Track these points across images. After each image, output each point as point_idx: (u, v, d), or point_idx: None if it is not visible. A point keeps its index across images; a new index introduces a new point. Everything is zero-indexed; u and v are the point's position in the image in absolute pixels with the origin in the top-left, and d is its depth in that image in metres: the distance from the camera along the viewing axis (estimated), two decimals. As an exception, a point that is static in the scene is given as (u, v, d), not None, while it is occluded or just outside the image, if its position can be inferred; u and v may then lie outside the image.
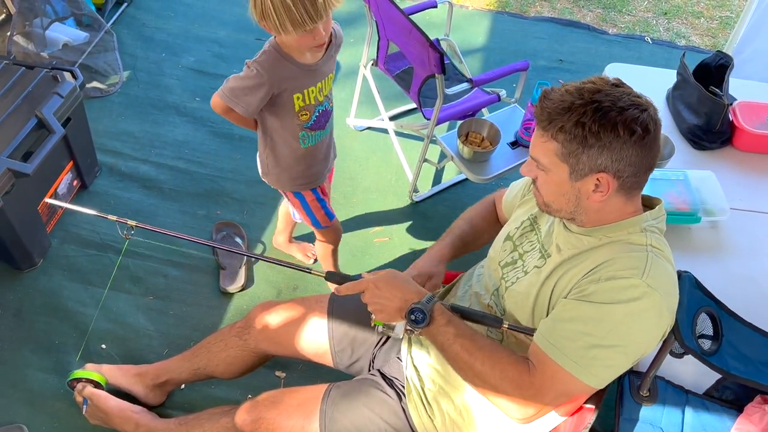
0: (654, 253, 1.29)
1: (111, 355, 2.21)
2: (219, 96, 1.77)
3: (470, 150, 2.43)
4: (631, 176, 1.27)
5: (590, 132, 1.22)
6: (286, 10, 1.55)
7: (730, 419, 1.58)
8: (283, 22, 1.57)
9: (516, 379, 1.33)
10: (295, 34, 1.60)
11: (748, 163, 2.16)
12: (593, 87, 1.25)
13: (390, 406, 1.58)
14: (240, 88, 1.74)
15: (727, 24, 4.07)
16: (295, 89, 1.77)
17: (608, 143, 1.23)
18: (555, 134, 1.26)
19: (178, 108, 3.12)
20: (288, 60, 1.73)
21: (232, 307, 2.38)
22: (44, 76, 2.40)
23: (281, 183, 2.03)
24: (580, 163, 1.26)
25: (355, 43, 3.55)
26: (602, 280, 1.27)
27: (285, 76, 1.74)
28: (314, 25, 1.59)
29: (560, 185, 1.32)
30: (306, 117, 1.84)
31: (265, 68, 1.71)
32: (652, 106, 1.27)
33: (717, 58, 2.27)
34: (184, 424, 1.85)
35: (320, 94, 1.84)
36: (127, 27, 3.55)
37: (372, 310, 1.47)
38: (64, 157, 2.49)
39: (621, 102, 1.23)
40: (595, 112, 1.22)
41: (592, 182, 1.28)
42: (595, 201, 1.31)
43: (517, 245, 1.53)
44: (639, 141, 1.23)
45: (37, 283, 2.39)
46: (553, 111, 1.26)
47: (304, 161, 1.95)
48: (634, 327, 1.25)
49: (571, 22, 3.94)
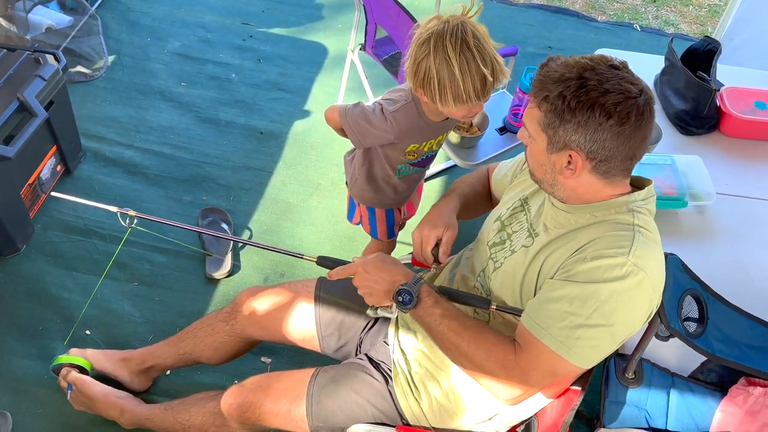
0: (641, 232, 1.29)
1: (96, 341, 2.19)
2: (340, 116, 1.70)
3: (458, 135, 2.42)
4: (605, 161, 1.26)
5: (568, 107, 1.22)
6: (453, 85, 1.47)
7: (714, 401, 1.59)
8: (445, 95, 1.49)
9: (502, 360, 1.33)
10: (456, 108, 1.53)
11: (735, 149, 2.16)
12: (588, 64, 1.24)
13: (377, 389, 1.58)
14: (364, 125, 1.66)
15: (715, 12, 4.07)
16: (416, 141, 1.73)
17: (583, 122, 1.22)
18: (540, 102, 1.26)
19: (164, 93, 3.09)
20: (422, 118, 1.66)
21: (218, 294, 2.37)
22: (26, 58, 2.35)
23: (364, 199, 1.96)
24: (557, 136, 1.26)
25: (343, 29, 3.52)
26: (588, 260, 1.27)
27: (413, 132, 1.68)
28: (478, 103, 1.52)
29: (539, 155, 1.32)
30: (413, 157, 1.79)
31: (398, 123, 1.64)
32: (645, 96, 1.24)
33: (705, 44, 2.27)
34: (169, 409, 1.84)
35: (436, 144, 1.79)
36: (111, 11, 3.50)
37: (362, 294, 1.47)
38: (47, 142, 2.45)
39: (608, 84, 1.21)
40: (578, 88, 1.21)
41: (564, 158, 1.28)
42: (567, 177, 1.30)
43: (506, 225, 1.52)
44: (615, 126, 1.21)
45: (20, 269, 2.36)
46: (545, 79, 1.26)
47: (393, 187, 1.89)
48: (619, 306, 1.25)
49: (560, 9, 3.93)
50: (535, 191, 1.51)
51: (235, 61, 3.30)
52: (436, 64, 1.46)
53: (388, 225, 2.07)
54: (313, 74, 3.28)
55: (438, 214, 1.65)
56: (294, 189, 2.75)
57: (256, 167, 2.81)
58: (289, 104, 3.10)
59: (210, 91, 3.13)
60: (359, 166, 1.87)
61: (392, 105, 1.66)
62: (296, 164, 2.84)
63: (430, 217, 1.66)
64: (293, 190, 2.74)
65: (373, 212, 2.02)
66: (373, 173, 1.87)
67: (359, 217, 2.08)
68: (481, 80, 1.47)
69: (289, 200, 2.70)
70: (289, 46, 3.43)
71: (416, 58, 1.49)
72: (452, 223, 1.64)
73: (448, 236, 1.61)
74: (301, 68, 3.31)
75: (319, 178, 2.79)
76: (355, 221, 2.12)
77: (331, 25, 3.59)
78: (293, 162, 2.85)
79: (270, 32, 3.51)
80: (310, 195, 2.73)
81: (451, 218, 1.65)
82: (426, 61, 1.47)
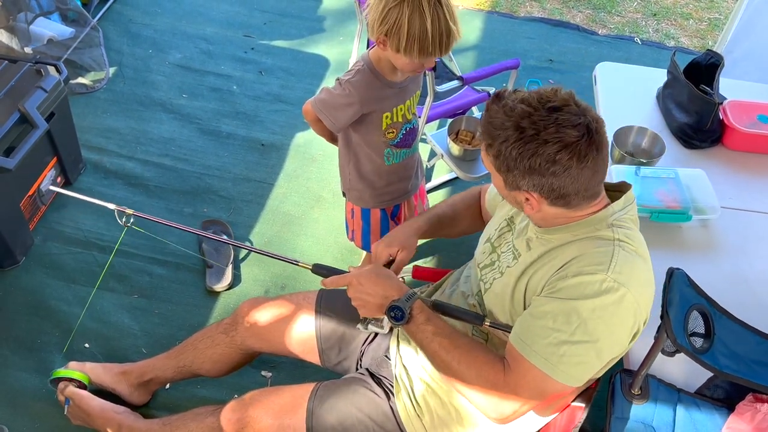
0: (621, 247, 1.28)
1: (94, 354, 2.17)
2: (311, 104, 1.74)
3: (460, 148, 2.42)
4: (560, 197, 1.27)
5: (510, 157, 1.24)
6: (422, 36, 1.51)
7: (721, 418, 1.57)
8: (412, 45, 1.53)
9: (491, 378, 1.32)
10: (416, 59, 1.56)
11: (739, 162, 2.15)
12: (524, 111, 1.23)
13: (378, 405, 1.56)
14: (330, 102, 1.71)
15: (716, 26, 4.08)
16: (385, 109, 1.74)
17: (528, 170, 1.24)
18: (486, 148, 1.30)
19: (165, 105, 3.09)
20: (379, 79, 1.69)
21: (218, 306, 2.35)
22: (28, 70, 2.35)
23: (363, 200, 1.95)
24: (509, 178, 1.29)
25: (344, 41, 3.53)
26: (569, 277, 1.27)
27: (375, 97, 1.71)
28: (438, 57, 1.57)
29: (501, 190, 1.36)
30: (392, 135, 1.81)
31: (356, 88, 1.68)
32: (588, 132, 1.22)
33: (707, 57, 2.27)
34: (168, 424, 1.82)
35: (408, 112, 1.81)
36: (113, 23, 3.51)
37: (355, 305, 1.47)
38: (47, 153, 2.44)
39: (545, 133, 1.21)
40: (516, 141, 1.23)
41: (522, 196, 1.30)
42: (529, 212, 1.33)
43: (496, 246, 1.52)
44: (558, 173, 1.22)
45: (18, 281, 2.34)
46: (487, 126, 1.28)
47: (386, 177, 1.90)
48: (601, 322, 1.24)
49: (561, 23, 3.94)
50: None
51: (236, 73, 3.30)
52: (408, 14, 1.49)
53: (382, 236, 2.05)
54: (314, 86, 3.28)
55: (399, 233, 1.69)
56: (295, 201, 2.73)
57: (257, 179, 2.80)
58: (290, 116, 3.10)
59: (211, 102, 3.13)
60: (347, 164, 1.89)
61: (348, 74, 1.71)
62: (297, 176, 2.83)
63: (390, 234, 1.69)
64: (294, 202, 2.73)
65: (368, 221, 2.00)
66: (361, 168, 1.88)
67: (352, 233, 2.07)
68: (448, 35, 1.53)
69: (290, 212, 2.69)
70: (291, 59, 3.43)
71: (386, 5, 1.52)
72: (409, 244, 1.67)
73: (401, 257, 1.64)
74: (303, 80, 3.31)
75: (321, 190, 2.78)
76: (349, 237, 2.11)
77: (332, 37, 3.60)
78: (294, 174, 2.84)
79: (271, 44, 3.52)
80: (311, 207, 2.72)
81: (410, 239, 1.67)
82: (398, 10, 1.50)
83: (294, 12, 3.76)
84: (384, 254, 1.64)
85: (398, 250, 1.64)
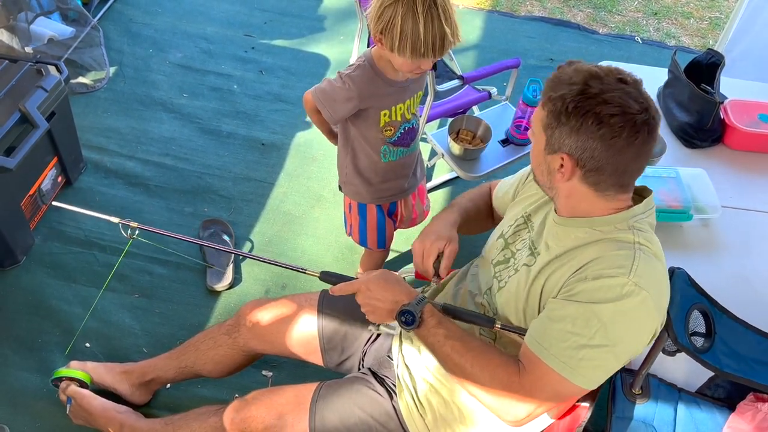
0: (642, 250, 1.27)
1: (95, 354, 2.17)
2: (311, 94, 1.75)
3: (461, 147, 2.41)
4: (594, 171, 1.25)
5: (566, 110, 1.23)
6: (414, 37, 1.51)
7: (722, 417, 1.57)
8: (404, 46, 1.52)
9: (506, 381, 1.31)
10: (409, 60, 1.56)
11: (740, 162, 2.15)
12: (596, 72, 1.24)
13: (381, 404, 1.56)
14: (329, 94, 1.71)
15: (716, 25, 4.08)
16: (383, 106, 1.74)
17: (576, 127, 1.22)
18: (545, 102, 1.28)
19: (165, 104, 3.08)
20: (380, 77, 1.70)
21: (219, 306, 2.35)
22: (28, 69, 2.35)
23: (360, 195, 1.96)
24: (553, 137, 1.27)
25: (345, 41, 3.53)
26: (589, 279, 1.26)
27: (374, 94, 1.71)
28: (433, 59, 1.56)
29: (538, 155, 1.34)
30: (390, 132, 1.81)
31: (356, 83, 1.68)
32: (647, 115, 1.22)
33: (708, 56, 2.27)
34: (170, 424, 1.82)
35: (408, 111, 1.81)
36: (113, 22, 3.50)
37: (364, 312, 1.46)
38: (48, 153, 2.44)
39: (608, 95, 1.21)
40: (578, 93, 1.22)
41: (557, 161, 1.29)
42: (558, 181, 1.31)
43: (509, 243, 1.51)
44: (606, 138, 1.21)
45: (19, 281, 2.35)
46: (554, 80, 1.27)
47: (382, 174, 1.90)
48: (621, 326, 1.23)
49: (562, 22, 3.94)
50: (538, 207, 1.50)
51: (236, 73, 3.30)
52: (401, 13, 1.49)
53: (379, 234, 2.05)
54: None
55: (440, 227, 1.63)
56: (296, 200, 2.73)
57: (258, 179, 2.80)
58: (290, 116, 3.10)
59: (212, 102, 3.13)
60: (344, 158, 1.90)
61: (349, 69, 1.71)
62: (298, 176, 2.83)
63: (432, 228, 1.64)
64: (295, 202, 2.73)
65: (364, 216, 2.01)
66: (358, 163, 1.88)
67: (350, 228, 2.08)
68: (441, 38, 1.52)
69: (290, 212, 2.69)
70: (291, 58, 3.43)
71: (383, 3, 1.52)
72: (454, 236, 1.62)
73: (450, 250, 1.59)
74: (303, 80, 3.31)
75: (321, 190, 2.78)
76: (347, 232, 2.11)
77: (332, 36, 3.60)
78: (295, 173, 2.84)
79: (272, 44, 3.51)
80: (311, 206, 2.72)
81: (452, 232, 1.63)
82: (392, 8, 1.50)
83: (294, 11, 3.75)
84: (434, 249, 1.58)
85: (446, 244, 1.59)
